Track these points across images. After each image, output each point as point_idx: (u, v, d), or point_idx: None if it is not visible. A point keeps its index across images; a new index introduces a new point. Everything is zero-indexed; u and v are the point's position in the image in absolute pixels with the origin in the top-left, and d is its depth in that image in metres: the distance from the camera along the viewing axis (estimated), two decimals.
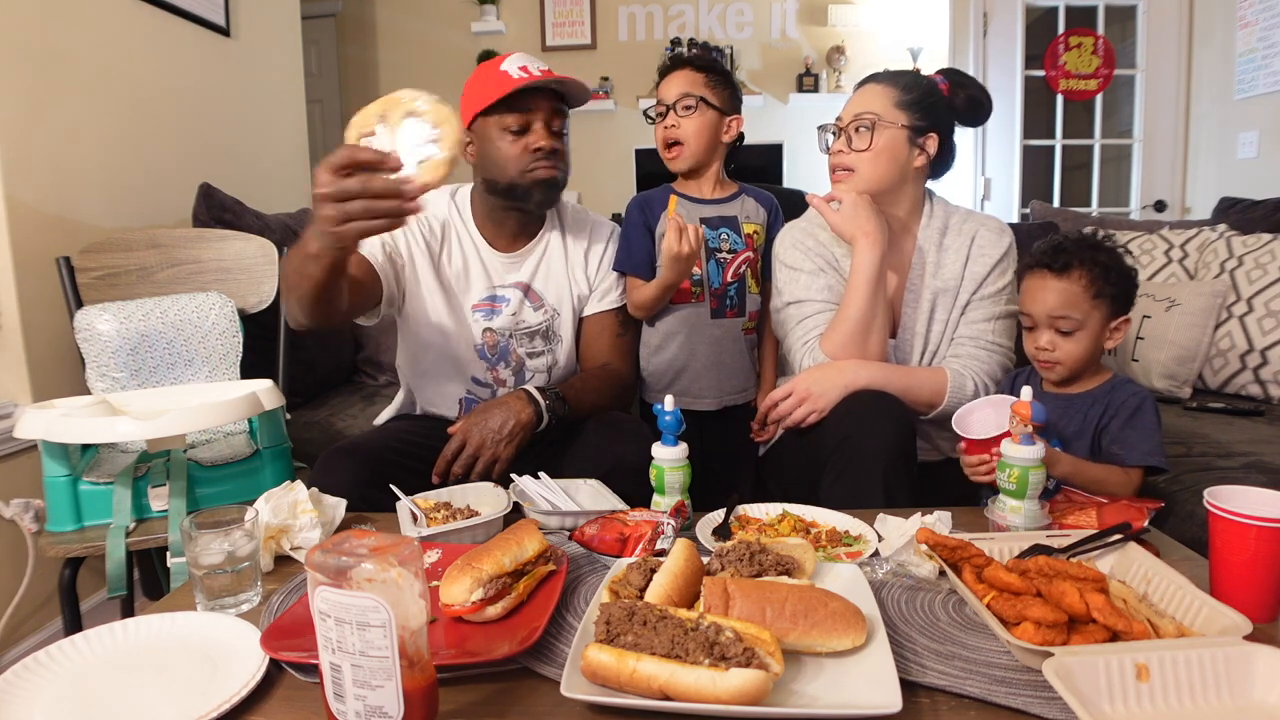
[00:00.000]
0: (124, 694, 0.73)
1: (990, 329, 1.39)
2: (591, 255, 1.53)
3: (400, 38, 4.26)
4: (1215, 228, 2.25)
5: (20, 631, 1.71)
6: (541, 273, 1.49)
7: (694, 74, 1.54)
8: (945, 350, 1.41)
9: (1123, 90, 3.92)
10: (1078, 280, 1.21)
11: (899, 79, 1.40)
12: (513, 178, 1.38)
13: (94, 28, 1.95)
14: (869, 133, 1.35)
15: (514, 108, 1.35)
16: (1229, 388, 2.02)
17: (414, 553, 0.62)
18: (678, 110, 1.53)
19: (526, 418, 1.31)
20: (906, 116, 1.36)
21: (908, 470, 1.23)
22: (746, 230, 1.58)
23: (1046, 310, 1.22)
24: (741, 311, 1.58)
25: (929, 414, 1.36)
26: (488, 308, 1.46)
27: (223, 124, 2.49)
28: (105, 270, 1.74)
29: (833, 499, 1.19)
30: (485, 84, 1.37)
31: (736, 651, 0.65)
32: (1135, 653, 0.66)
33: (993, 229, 1.42)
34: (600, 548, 0.99)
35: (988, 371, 1.37)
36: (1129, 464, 1.17)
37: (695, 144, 1.53)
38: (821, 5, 4.10)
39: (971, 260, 1.40)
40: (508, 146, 1.37)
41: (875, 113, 1.36)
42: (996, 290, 1.40)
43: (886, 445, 1.21)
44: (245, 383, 1.50)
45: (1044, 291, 1.23)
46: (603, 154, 4.21)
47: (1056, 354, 1.23)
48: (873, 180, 1.37)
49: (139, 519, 1.30)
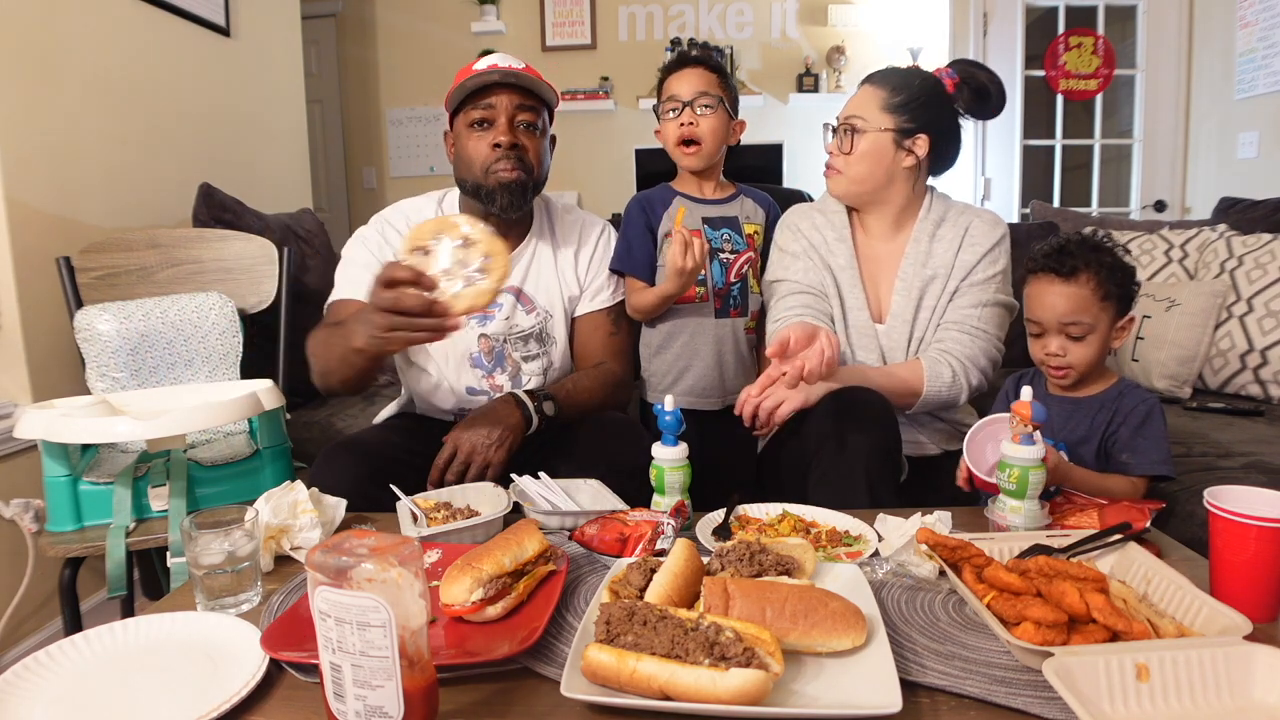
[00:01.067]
0: (124, 694, 0.73)
1: (976, 315, 1.39)
2: (581, 255, 1.53)
3: (400, 38, 4.26)
4: (1215, 228, 2.25)
5: (20, 631, 1.71)
6: (532, 275, 1.49)
7: (708, 74, 1.54)
8: (931, 336, 1.42)
9: (1123, 90, 3.92)
10: (1085, 284, 1.20)
11: (890, 80, 1.41)
12: (478, 177, 1.38)
13: (94, 28, 1.95)
14: (852, 136, 1.41)
15: (477, 103, 1.37)
16: (1229, 388, 2.02)
17: (414, 553, 0.62)
18: (696, 107, 1.52)
19: (515, 422, 1.31)
20: (893, 120, 1.38)
21: (891, 467, 1.23)
22: (747, 230, 1.59)
23: (1057, 316, 1.21)
24: (744, 311, 1.58)
25: (914, 406, 1.36)
26: (481, 314, 1.45)
27: (223, 124, 2.49)
28: (105, 270, 1.75)
29: (819, 498, 1.18)
30: (457, 82, 1.39)
31: (736, 651, 0.65)
32: (1135, 653, 0.66)
33: (987, 220, 1.44)
34: (600, 548, 0.99)
35: (969, 355, 1.37)
36: (1138, 474, 1.17)
37: (712, 142, 1.53)
38: (821, 5, 4.10)
39: (963, 249, 1.41)
40: (473, 143, 1.38)
41: (861, 116, 1.40)
42: (986, 278, 1.41)
43: (868, 443, 1.20)
44: (245, 383, 1.50)
45: (1052, 297, 1.22)
46: (603, 154, 4.21)
47: (1068, 359, 1.22)
48: (855, 181, 1.43)
49: (139, 519, 1.30)
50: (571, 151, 4.24)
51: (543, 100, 1.42)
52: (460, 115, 1.40)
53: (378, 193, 4.40)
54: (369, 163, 4.41)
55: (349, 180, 4.43)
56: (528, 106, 1.39)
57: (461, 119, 1.39)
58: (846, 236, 1.47)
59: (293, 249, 1.93)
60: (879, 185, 1.42)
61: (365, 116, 4.34)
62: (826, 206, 1.51)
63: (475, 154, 1.38)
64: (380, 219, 1.47)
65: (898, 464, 1.26)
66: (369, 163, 4.41)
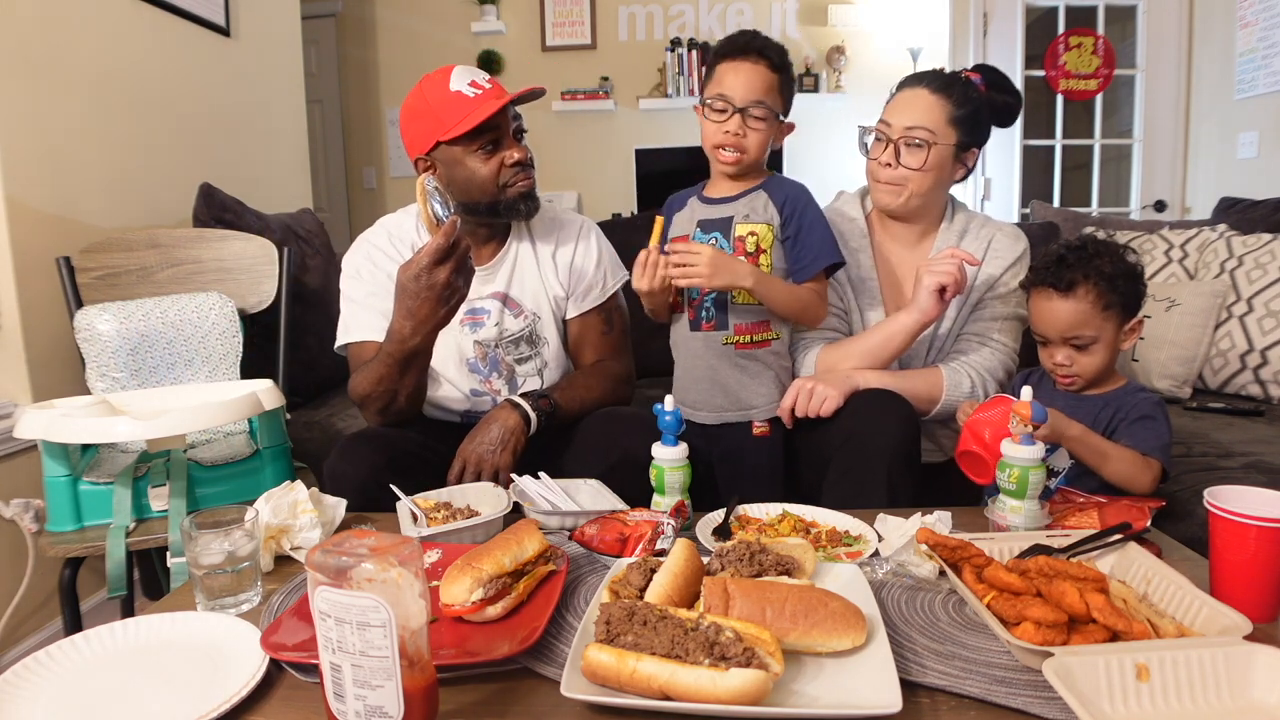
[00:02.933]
0: (124, 694, 0.73)
1: (996, 327, 1.41)
2: (560, 256, 1.51)
3: (400, 38, 4.26)
4: (1215, 228, 2.25)
5: (20, 631, 1.71)
6: (517, 280, 1.49)
7: (770, 74, 1.34)
8: (951, 346, 1.43)
9: (1123, 90, 3.92)
10: (1084, 297, 1.19)
11: (952, 91, 1.37)
12: (494, 195, 1.38)
13: (94, 28, 1.95)
14: (922, 151, 1.35)
15: (482, 131, 1.34)
16: (1229, 388, 2.02)
17: (414, 553, 0.62)
18: (749, 118, 1.32)
19: (514, 424, 1.33)
20: (956, 134, 1.36)
21: (911, 469, 1.23)
22: (739, 233, 1.38)
23: (1059, 331, 1.22)
24: (721, 325, 1.38)
25: (931, 412, 1.36)
26: (472, 321, 1.46)
27: (223, 124, 2.49)
28: (105, 270, 1.75)
29: (836, 496, 1.19)
30: (443, 109, 1.34)
31: (736, 651, 0.65)
32: (1135, 653, 0.66)
33: (1009, 234, 1.44)
34: (600, 548, 0.99)
35: (987, 367, 1.38)
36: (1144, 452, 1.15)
37: (756, 155, 1.37)
38: (821, 5, 4.10)
39: (987, 262, 1.42)
40: (481, 166, 1.36)
41: (930, 130, 1.34)
42: (1008, 291, 1.42)
43: (891, 443, 1.21)
44: (245, 383, 1.50)
45: (1052, 313, 1.22)
46: (603, 154, 4.21)
47: (1075, 368, 1.23)
48: (919, 196, 1.39)
49: (139, 519, 1.30)
50: (571, 151, 4.24)
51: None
52: (459, 145, 1.35)
53: (378, 193, 4.40)
54: (369, 163, 4.41)
55: (349, 180, 4.43)
56: (516, 115, 1.41)
57: (462, 149, 1.35)
58: (867, 246, 1.47)
59: (293, 249, 1.93)
60: (935, 199, 1.42)
61: (365, 116, 4.34)
62: (845, 212, 1.50)
63: (485, 176, 1.36)
64: (365, 243, 1.47)
65: (918, 466, 1.26)
66: (369, 163, 4.41)
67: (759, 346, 1.39)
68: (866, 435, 1.22)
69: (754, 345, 1.38)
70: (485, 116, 1.32)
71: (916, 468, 1.25)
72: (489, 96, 1.35)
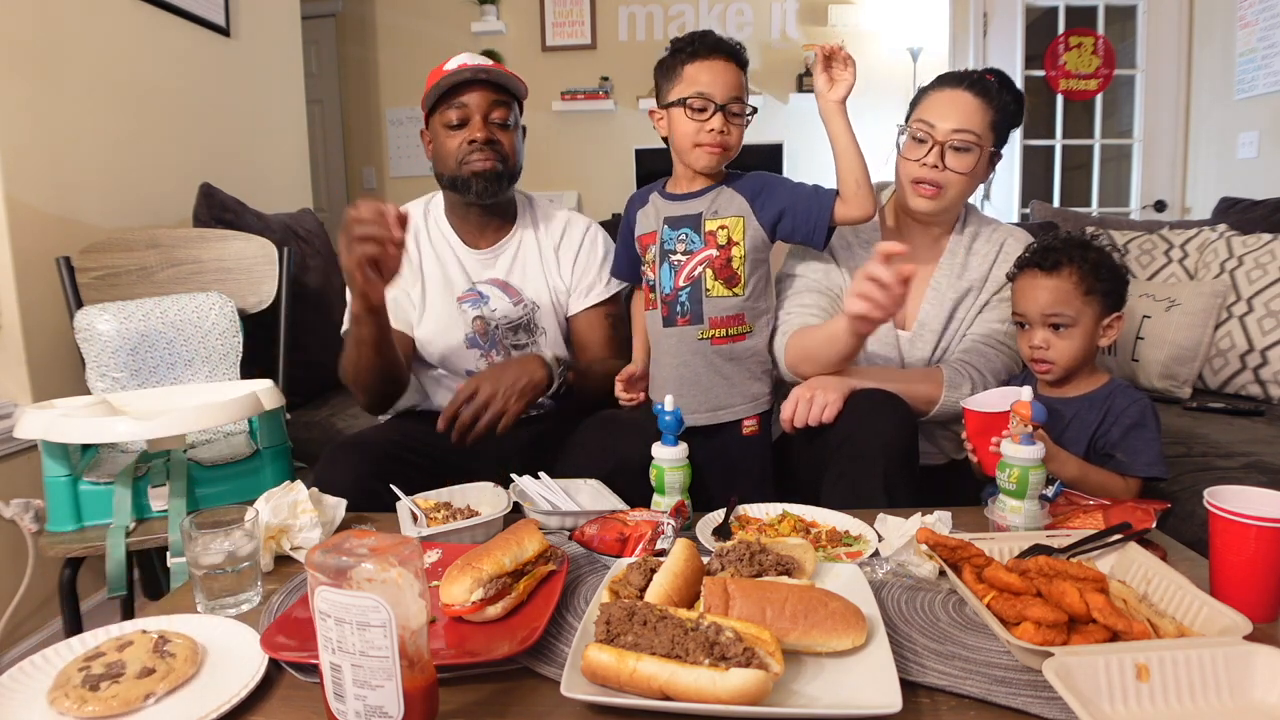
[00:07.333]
0: None
1: (1002, 330, 1.41)
2: (564, 251, 1.55)
3: (400, 38, 4.26)
4: (1215, 228, 2.25)
5: (20, 631, 1.71)
6: (518, 268, 1.52)
7: (739, 71, 1.36)
8: (956, 346, 1.43)
9: (1123, 90, 3.92)
10: (1068, 278, 1.22)
11: (991, 95, 1.36)
12: (453, 170, 1.44)
13: (94, 28, 1.95)
14: (970, 155, 1.34)
15: (451, 104, 1.42)
16: (1229, 388, 2.02)
17: (414, 553, 0.62)
18: (729, 114, 1.34)
19: (540, 378, 1.35)
20: (993, 138, 1.38)
21: (909, 470, 1.23)
22: (709, 227, 1.38)
23: (1039, 308, 1.23)
24: (697, 319, 1.37)
25: (930, 412, 1.36)
26: (471, 299, 1.50)
27: (223, 124, 2.49)
28: (105, 270, 1.75)
29: (834, 498, 1.19)
30: (429, 82, 1.43)
31: (736, 651, 0.65)
32: (1135, 653, 0.66)
33: (1019, 238, 1.45)
34: (600, 548, 0.99)
35: (992, 370, 1.38)
36: (1132, 474, 1.18)
37: (736, 151, 1.39)
38: (821, 5, 4.10)
39: (998, 265, 1.43)
40: (448, 141, 1.43)
41: (977, 134, 1.34)
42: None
43: (888, 444, 1.21)
44: (245, 383, 1.50)
45: (1035, 290, 1.24)
46: (602, 154, 4.21)
47: (1050, 352, 1.24)
48: (960, 198, 1.39)
49: (139, 519, 1.30)
50: (571, 151, 4.24)
51: (513, 94, 1.46)
52: (436, 115, 1.45)
53: (378, 193, 4.40)
54: (369, 162, 4.41)
55: (349, 180, 4.43)
56: (500, 103, 1.44)
57: (438, 118, 1.44)
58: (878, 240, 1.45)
59: (293, 249, 1.93)
60: (963, 203, 1.43)
61: (365, 116, 4.34)
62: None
63: (449, 151, 1.43)
64: None
65: (916, 467, 1.26)
66: (369, 162, 4.41)
67: (735, 340, 1.38)
68: (863, 437, 1.21)
69: (730, 339, 1.38)
70: (447, 86, 1.40)
71: (914, 469, 1.25)
72: (463, 71, 1.40)
